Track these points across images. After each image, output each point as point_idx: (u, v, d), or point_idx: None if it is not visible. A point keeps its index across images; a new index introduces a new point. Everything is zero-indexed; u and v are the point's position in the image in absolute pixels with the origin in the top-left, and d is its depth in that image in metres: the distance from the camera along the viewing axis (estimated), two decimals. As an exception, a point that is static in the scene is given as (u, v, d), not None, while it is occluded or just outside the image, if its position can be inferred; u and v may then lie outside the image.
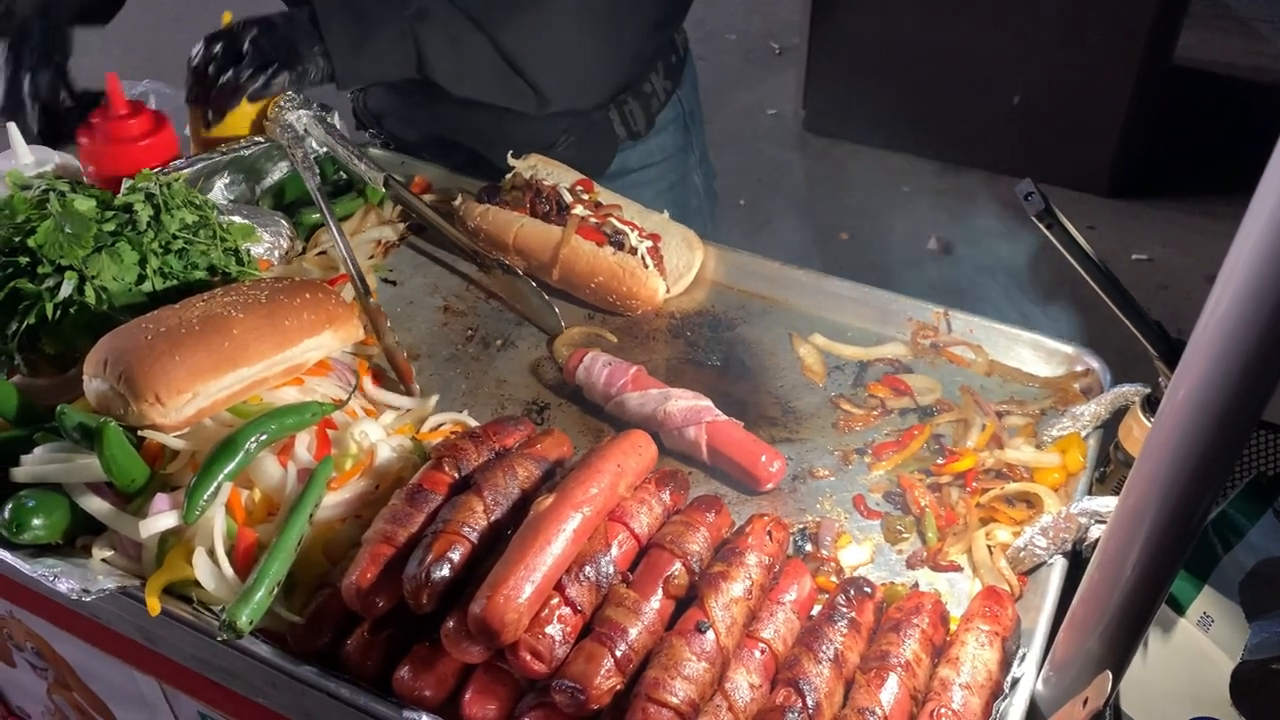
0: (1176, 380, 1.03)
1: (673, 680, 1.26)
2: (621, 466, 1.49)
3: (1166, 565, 1.13)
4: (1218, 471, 1.05)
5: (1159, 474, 1.07)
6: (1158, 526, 1.10)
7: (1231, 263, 0.94)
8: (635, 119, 2.40)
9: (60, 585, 1.40)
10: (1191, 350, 1.00)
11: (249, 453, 1.50)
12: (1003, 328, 1.91)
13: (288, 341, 1.65)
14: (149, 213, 1.78)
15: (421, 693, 1.34)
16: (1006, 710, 1.32)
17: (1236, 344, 0.96)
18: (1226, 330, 0.96)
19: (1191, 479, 1.05)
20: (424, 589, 1.34)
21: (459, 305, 2.07)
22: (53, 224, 1.69)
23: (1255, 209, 0.90)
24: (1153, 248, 5.22)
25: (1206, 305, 0.97)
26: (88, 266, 1.70)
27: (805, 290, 2.04)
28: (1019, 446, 1.70)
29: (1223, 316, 0.96)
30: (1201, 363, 0.99)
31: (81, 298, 1.69)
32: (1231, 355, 0.96)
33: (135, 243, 1.75)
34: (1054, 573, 1.52)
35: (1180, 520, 1.09)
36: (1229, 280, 0.95)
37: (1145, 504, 1.10)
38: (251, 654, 1.41)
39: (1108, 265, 1.33)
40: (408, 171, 2.33)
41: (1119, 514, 1.14)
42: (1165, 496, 1.08)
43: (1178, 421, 1.03)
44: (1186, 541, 1.11)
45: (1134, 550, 1.13)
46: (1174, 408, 1.04)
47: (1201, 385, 1.00)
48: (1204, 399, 1.00)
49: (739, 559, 1.41)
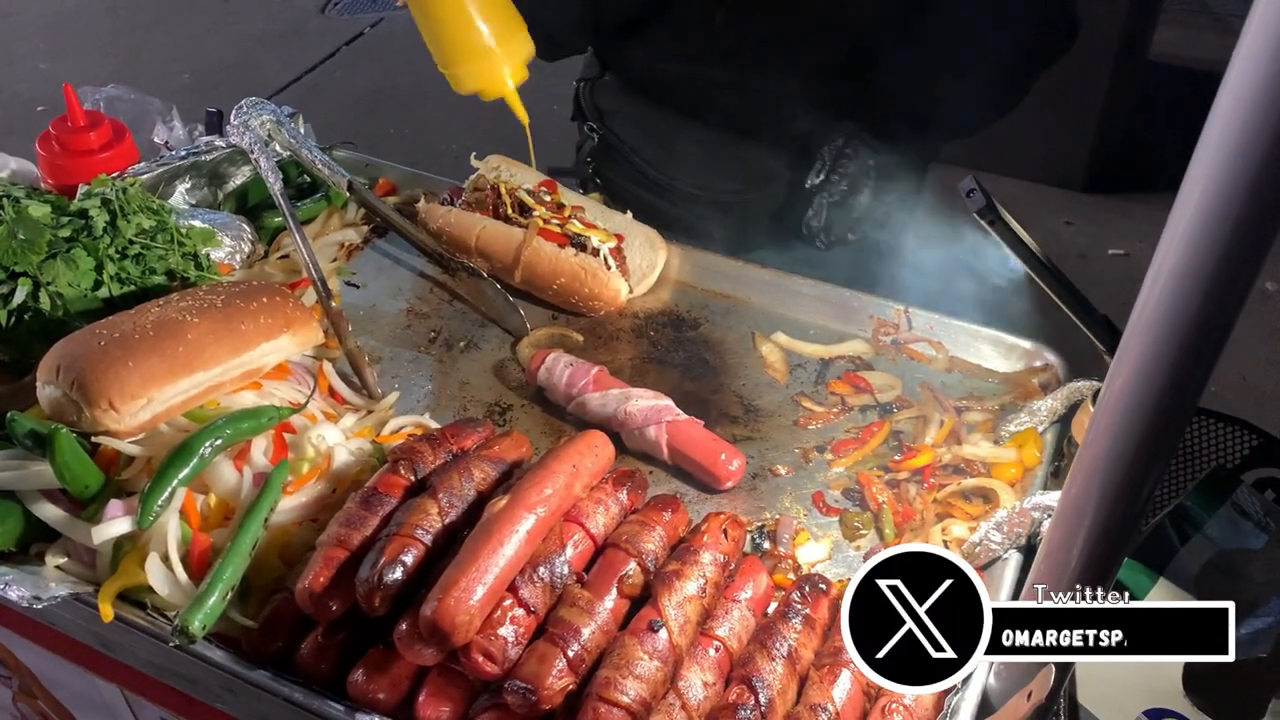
0: (1114, 369, 1.03)
1: (624, 679, 1.26)
2: (577, 467, 1.49)
3: (1110, 553, 1.14)
4: (1158, 457, 1.05)
5: (1099, 462, 1.07)
6: (1100, 514, 1.10)
7: (1162, 253, 0.95)
8: None
9: (11, 593, 1.39)
10: (1127, 339, 1.00)
11: (204, 458, 1.50)
12: (963, 324, 1.92)
13: (244, 346, 1.65)
14: (105, 218, 1.77)
15: (376, 696, 1.34)
16: (959, 704, 1.33)
17: (1169, 332, 0.96)
18: (1159, 319, 0.96)
19: (1131, 466, 1.05)
20: (376, 592, 1.33)
21: (422, 307, 2.07)
22: (5, 230, 1.68)
23: (1183, 197, 0.91)
24: (1129, 243, 5.23)
25: (1140, 295, 0.98)
26: (42, 273, 1.69)
27: (768, 289, 2.04)
28: (977, 442, 1.71)
29: (1155, 305, 0.96)
30: (1137, 350, 1.00)
31: (36, 304, 1.68)
32: (1164, 343, 0.97)
33: (91, 249, 1.74)
34: (1009, 567, 1.52)
35: (1122, 508, 1.09)
36: (1159, 271, 0.95)
37: (1087, 492, 1.10)
38: (206, 659, 1.41)
39: (1053, 262, 1.33)
40: (372, 174, 2.33)
41: (1062, 505, 1.15)
42: (1106, 484, 1.08)
43: (1116, 409, 1.04)
44: (1129, 529, 1.11)
45: (1078, 540, 1.14)
46: (1112, 396, 1.04)
47: (1138, 372, 1.00)
48: (1141, 386, 1.01)
49: (693, 557, 1.42)
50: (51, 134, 2.11)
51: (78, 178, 2.07)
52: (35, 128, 2.23)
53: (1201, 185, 0.90)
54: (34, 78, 6.33)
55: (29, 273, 1.68)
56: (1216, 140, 0.87)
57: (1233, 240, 0.90)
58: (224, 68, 6.23)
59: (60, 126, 2.11)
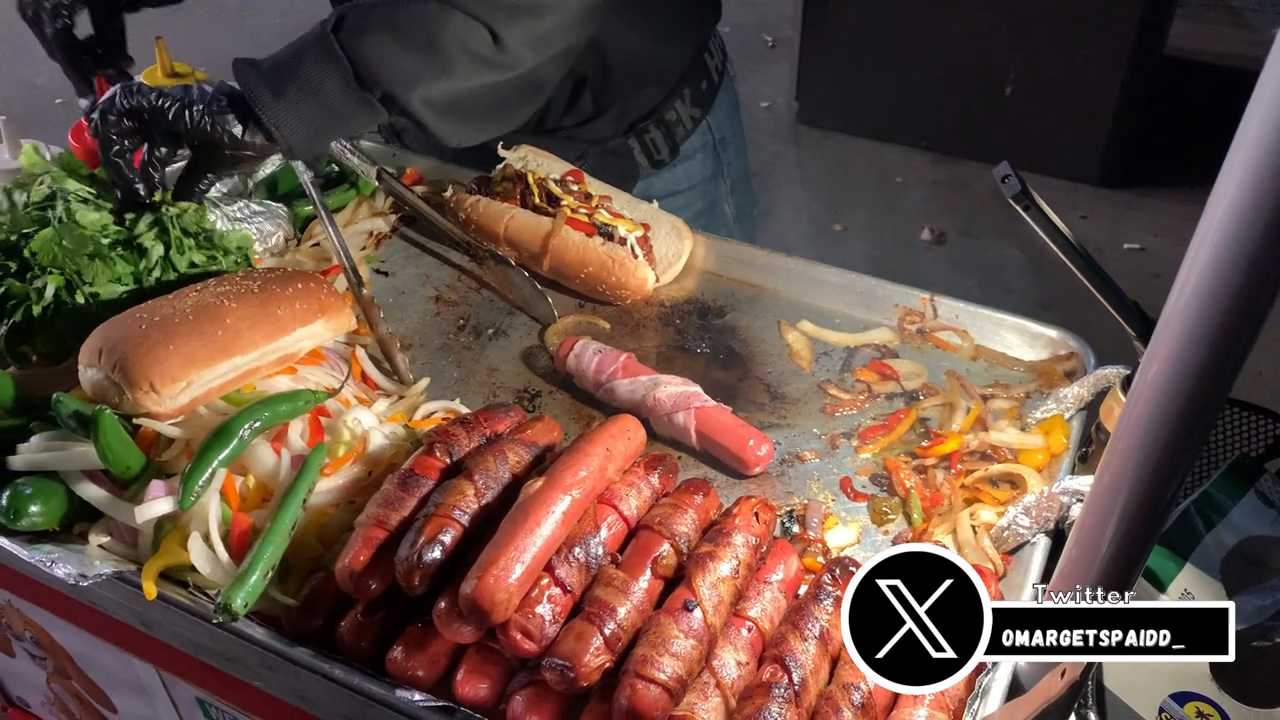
0: (1148, 358, 1.05)
1: (661, 657, 1.29)
2: (610, 450, 1.51)
3: (1141, 540, 1.15)
4: (1189, 446, 1.07)
5: (1132, 450, 1.09)
6: (1132, 502, 1.12)
7: (1197, 242, 0.97)
8: (658, 147, 2.31)
9: (58, 570, 1.42)
10: (1161, 328, 1.02)
11: (243, 440, 1.52)
12: (988, 312, 1.94)
13: (280, 330, 1.67)
14: (159, 251, 1.78)
15: (414, 673, 1.36)
16: (990, 684, 1.35)
17: (1204, 321, 0.98)
18: (1194, 308, 0.98)
19: (1164, 454, 1.07)
20: (416, 571, 1.36)
21: (451, 295, 2.09)
22: (53, 234, 1.70)
23: (1220, 186, 0.92)
24: (1144, 237, 5.24)
25: (1175, 284, 0.99)
26: (82, 272, 1.71)
27: (793, 278, 2.06)
28: (1003, 429, 1.72)
29: (1190, 295, 0.98)
30: (1171, 340, 1.01)
31: (72, 300, 1.71)
32: (1199, 332, 0.98)
33: (133, 264, 1.76)
34: (1037, 551, 1.54)
35: (1154, 495, 1.11)
36: (1195, 259, 0.97)
37: (1120, 480, 1.12)
38: (247, 637, 1.43)
39: (1086, 249, 1.35)
40: (399, 163, 2.35)
41: (1094, 491, 1.16)
42: (1139, 472, 1.10)
43: (1149, 398, 1.05)
44: (1160, 516, 1.13)
45: (1109, 526, 1.15)
46: (1145, 385, 1.06)
47: (1171, 362, 1.02)
48: (1174, 375, 1.02)
49: (726, 539, 1.44)
50: (84, 126, 2.13)
51: (111, 167, 2.10)
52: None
53: (1239, 175, 0.91)
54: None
55: (65, 273, 1.70)
56: (1256, 130, 0.88)
57: (1270, 230, 0.92)
58: (238, 60, 6.26)
59: (92, 115, 2.13)
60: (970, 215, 5.35)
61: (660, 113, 2.29)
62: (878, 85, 5.60)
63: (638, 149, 2.30)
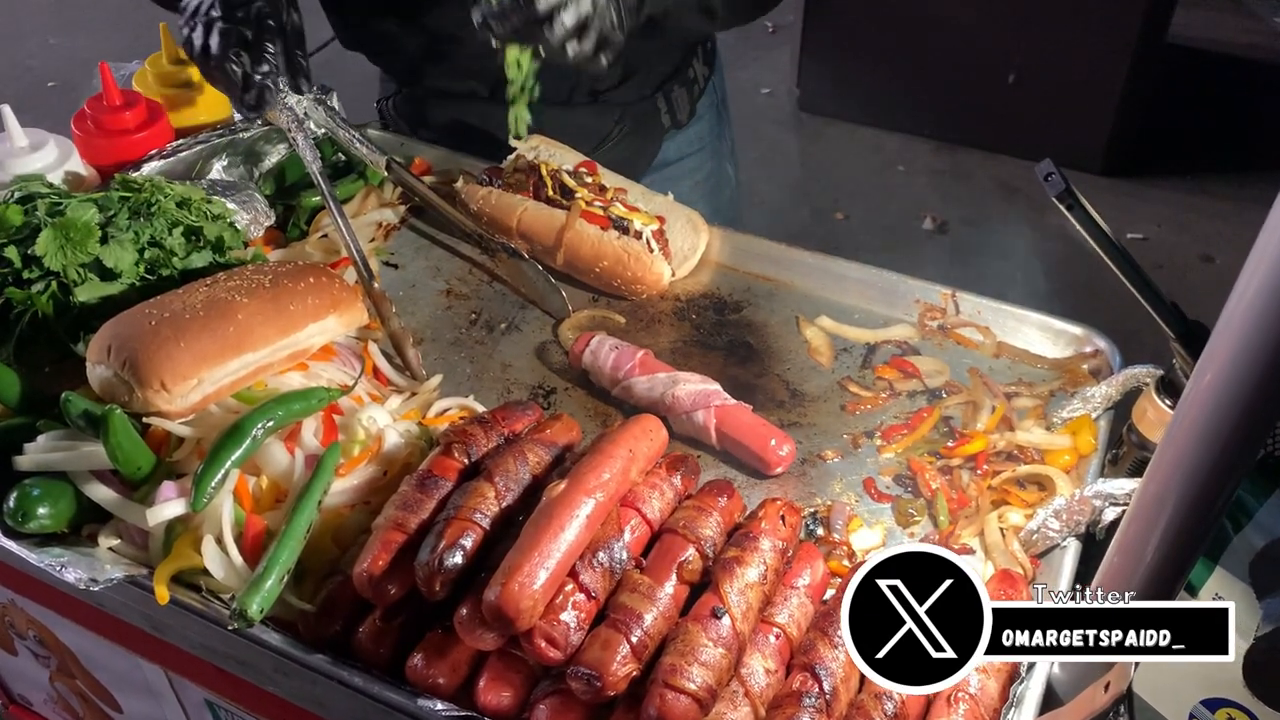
0: (1202, 366, 1.02)
1: (690, 666, 1.26)
2: (633, 451, 1.48)
3: (1188, 551, 1.13)
4: (1243, 458, 1.04)
5: (1182, 460, 1.07)
6: (1180, 513, 1.10)
7: (1261, 247, 0.93)
8: (680, 106, 2.31)
9: (68, 575, 1.39)
10: (1218, 336, 0.99)
11: (256, 439, 1.49)
12: (1010, 309, 1.91)
13: (292, 326, 1.63)
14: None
15: (435, 680, 1.33)
16: (1024, 694, 1.32)
17: (1265, 330, 0.95)
18: (1255, 316, 0.95)
19: (1216, 466, 1.05)
20: (437, 576, 1.32)
21: (462, 288, 2.05)
22: (53, 234, 1.66)
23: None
24: (1148, 227, 5.22)
25: (1235, 289, 0.96)
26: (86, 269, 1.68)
27: (811, 272, 2.03)
28: (1029, 428, 1.70)
29: (1251, 301, 0.95)
30: (1228, 348, 0.98)
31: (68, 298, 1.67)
32: (1259, 342, 0.96)
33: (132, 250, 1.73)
34: (1067, 555, 1.51)
35: (1203, 507, 1.08)
36: (1258, 265, 0.94)
37: (1167, 490, 1.09)
38: (262, 642, 1.40)
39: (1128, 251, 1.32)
40: (407, 153, 2.30)
41: (1140, 500, 1.14)
42: (1188, 483, 1.07)
43: (1202, 408, 1.03)
44: (1208, 528, 1.11)
45: (1154, 536, 1.13)
46: (1198, 393, 1.03)
47: (1227, 371, 0.99)
48: (1230, 385, 1.00)
49: (753, 544, 1.41)
50: (87, 113, 2.09)
51: (115, 157, 2.06)
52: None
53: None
54: (45, 53, 6.28)
55: (65, 275, 1.66)
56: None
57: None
58: (237, 43, 6.18)
59: (96, 106, 2.08)
60: (973, 204, 5.32)
61: (682, 71, 2.30)
62: (879, 72, 5.55)
63: (664, 109, 2.31)
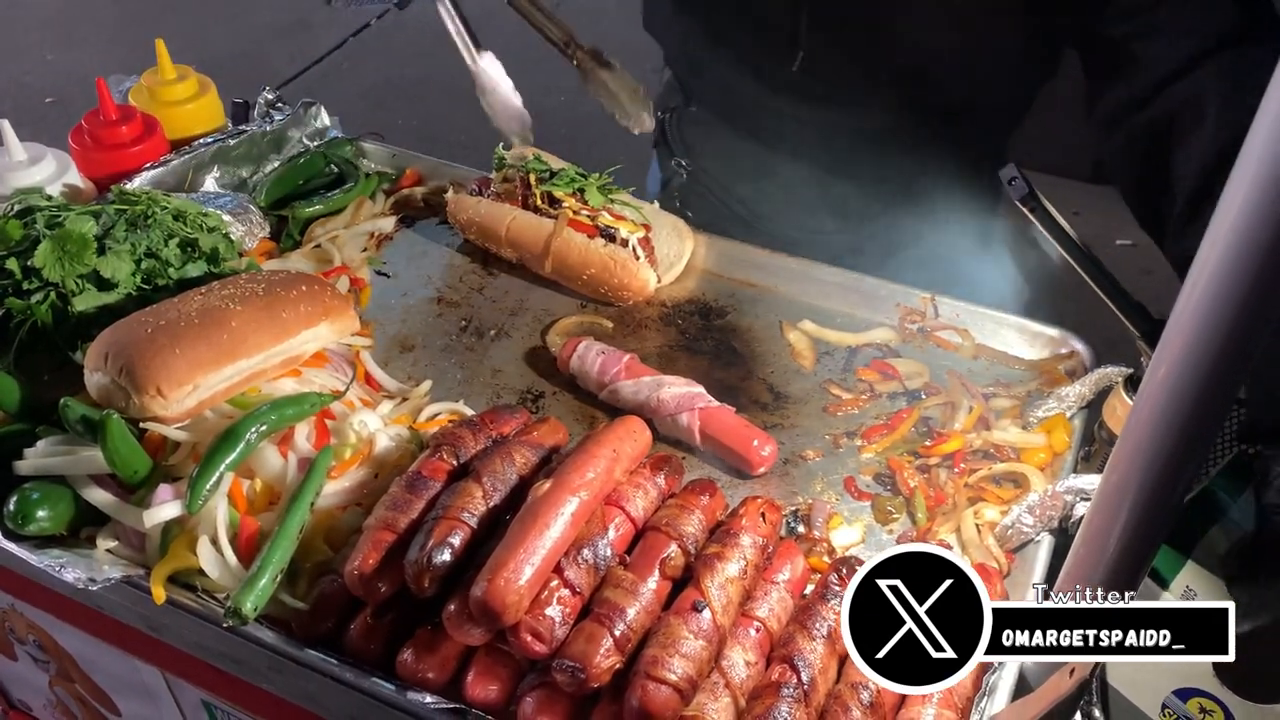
0: (1157, 359, 1.06)
1: (671, 658, 1.29)
2: (617, 451, 1.52)
3: (1149, 539, 1.16)
4: (1198, 446, 1.08)
5: (1140, 450, 1.10)
6: (1140, 501, 1.13)
7: (1208, 242, 0.97)
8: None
9: (67, 575, 1.42)
10: (1171, 329, 1.03)
11: (250, 443, 1.52)
12: (989, 312, 1.95)
13: (285, 333, 1.67)
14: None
15: (425, 675, 1.37)
16: (996, 683, 1.36)
17: (1214, 322, 0.98)
18: (1204, 309, 0.99)
19: (1172, 454, 1.08)
20: (425, 573, 1.36)
21: (453, 296, 2.09)
22: (51, 245, 1.71)
23: (1231, 187, 0.93)
24: (1136, 233, 5.18)
25: (1184, 285, 1.00)
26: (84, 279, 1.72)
27: (794, 277, 2.07)
28: (1005, 428, 1.74)
29: (1200, 295, 0.99)
30: (1180, 341, 1.02)
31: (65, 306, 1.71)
32: (1209, 333, 0.99)
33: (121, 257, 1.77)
34: (1041, 550, 1.55)
35: (1162, 495, 1.12)
36: (1206, 260, 0.98)
37: (1127, 480, 1.13)
38: (257, 640, 1.44)
39: (1091, 249, 1.36)
40: (399, 164, 2.35)
41: (1102, 490, 1.17)
42: (1147, 472, 1.10)
43: (1158, 399, 1.06)
44: (1168, 516, 1.14)
45: (1117, 525, 1.16)
46: (1154, 385, 1.07)
47: (1180, 363, 1.03)
48: (1183, 376, 1.03)
49: (733, 540, 1.44)
50: (84, 128, 2.14)
51: (111, 170, 2.10)
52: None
53: (1250, 175, 0.92)
54: (41, 69, 6.34)
55: (60, 285, 1.71)
56: (1266, 128, 0.89)
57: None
58: (231, 58, 6.23)
59: (92, 120, 2.13)
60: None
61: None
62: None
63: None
